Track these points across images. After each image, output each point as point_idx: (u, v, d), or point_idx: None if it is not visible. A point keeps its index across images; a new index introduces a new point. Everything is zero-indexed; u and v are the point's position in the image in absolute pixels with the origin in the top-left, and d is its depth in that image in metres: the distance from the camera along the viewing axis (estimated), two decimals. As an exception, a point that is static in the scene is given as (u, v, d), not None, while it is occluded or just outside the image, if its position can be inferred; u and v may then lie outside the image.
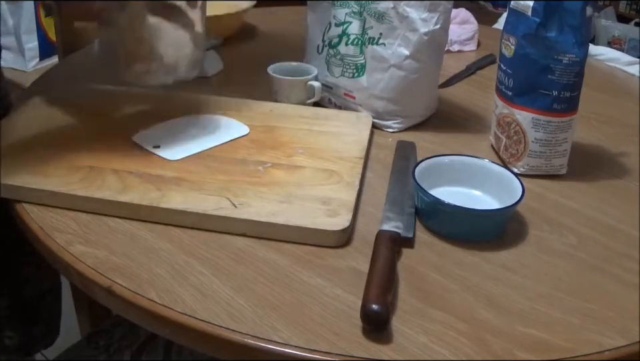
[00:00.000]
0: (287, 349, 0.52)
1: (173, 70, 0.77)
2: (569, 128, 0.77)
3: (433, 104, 0.94)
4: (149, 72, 0.76)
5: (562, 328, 0.55)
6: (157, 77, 0.76)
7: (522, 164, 0.79)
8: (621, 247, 0.67)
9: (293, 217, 0.65)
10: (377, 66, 0.87)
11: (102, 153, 0.75)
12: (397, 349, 0.52)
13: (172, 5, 0.75)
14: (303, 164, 0.76)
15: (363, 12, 0.87)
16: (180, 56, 0.76)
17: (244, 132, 0.82)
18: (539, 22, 0.72)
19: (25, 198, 0.69)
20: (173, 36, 0.75)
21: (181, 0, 0.75)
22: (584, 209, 0.73)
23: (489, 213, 0.67)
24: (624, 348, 0.54)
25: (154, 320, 0.56)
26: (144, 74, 0.76)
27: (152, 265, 0.60)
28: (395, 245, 0.62)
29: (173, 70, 0.77)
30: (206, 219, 0.65)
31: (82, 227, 0.65)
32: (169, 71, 0.76)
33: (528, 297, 0.59)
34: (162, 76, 0.77)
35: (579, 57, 0.73)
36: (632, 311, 0.58)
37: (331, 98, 0.95)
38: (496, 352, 0.52)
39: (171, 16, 0.75)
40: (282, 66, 0.95)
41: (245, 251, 0.63)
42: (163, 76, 0.77)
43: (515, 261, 0.64)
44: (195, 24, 0.77)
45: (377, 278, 0.56)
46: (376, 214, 0.69)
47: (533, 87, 0.75)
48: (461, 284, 0.60)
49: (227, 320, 0.54)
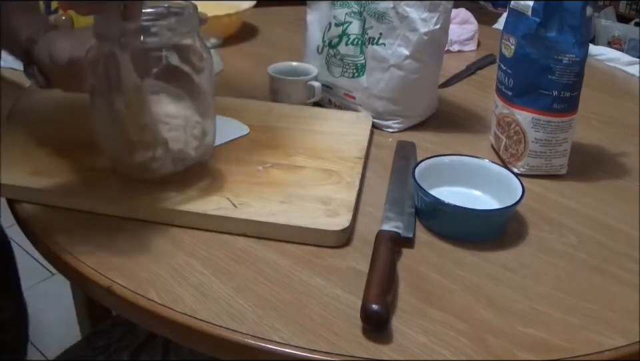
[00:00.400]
0: (286, 349, 0.52)
1: (181, 154, 0.66)
2: (569, 128, 0.77)
3: (432, 104, 0.94)
4: (154, 160, 0.65)
5: (562, 328, 0.55)
6: (165, 164, 0.66)
7: (522, 164, 0.79)
8: (621, 247, 0.67)
9: (293, 217, 0.65)
10: (377, 66, 0.87)
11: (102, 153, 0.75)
12: (397, 349, 0.52)
13: (178, 72, 0.63)
14: (302, 164, 0.76)
15: (362, 12, 0.87)
16: (188, 138, 0.65)
17: (244, 132, 0.82)
18: (538, 22, 0.72)
19: (25, 198, 0.69)
20: (176, 113, 0.64)
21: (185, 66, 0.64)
22: (584, 209, 0.73)
23: (489, 213, 0.67)
24: (624, 347, 0.54)
25: (154, 319, 0.56)
26: (149, 162, 0.65)
27: (152, 265, 0.60)
28: (395, 245, 0.62)
29: (181, 154, 0.66)
30: (206, 219, 0.65)
31: (82, 227, 0.65)
32: (176, 156, 0.66)
33: (528, 297, 0.59)
34: (170, 163, 0.66)
35: (579, 57, 0.73)
36: (632, 311, 0.58)
37: (330, 98, 0.95)
38: (496, 352, 0.52)
39: (174, 83, 0.64)
40: (282, 66, 0.95)
41: (245, 251, 0.63)
42: (171, 163, 0.66)
43: (515, 261, 0.64)
44: (202, 94, 0.66)
45: (376, 278, 0.56)
46: (376, 214, 0.69)
47: (533, 87, 0.75)
48: (460, 284, 0.60)
49: (227, 320, 0.54)
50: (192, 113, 0.66)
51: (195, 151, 0.67)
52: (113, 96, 0.62)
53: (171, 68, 0.63)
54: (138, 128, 0.64)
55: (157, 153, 0.64)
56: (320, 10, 0.94)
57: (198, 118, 0.67)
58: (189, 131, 0.66)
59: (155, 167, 0.66)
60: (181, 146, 0.66)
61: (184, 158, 0.67)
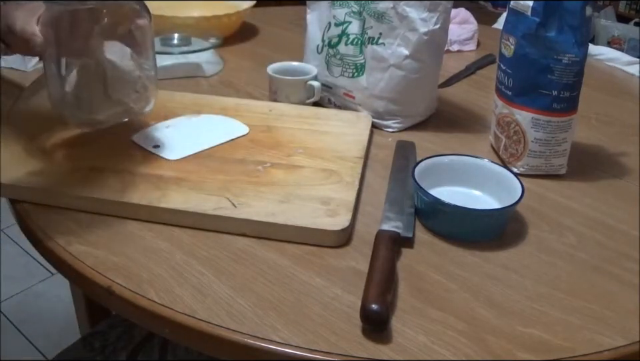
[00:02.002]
0: (286, 349, 0.52)
1: (125, 107, 0.74)
2: (569, 128, 0.77)
3: (432, 104, 0.94)
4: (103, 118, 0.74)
5: (562, 328, 0.55)
6: (111, 119, 0.75)
7: (522, 164, 0.79)
8: (621, 247, 0.67)
9: (293, 217, 0.65)
10: (377, 66, 0.87)
11: (102, 153, 0.75)
12: (397, 349, 0.52)
13: (119, 30, 0.70)
14: (302, 164, 0.76)
15: (362, 12, 0.87)
16: (130, 92, 0.74)
17: (244, 132, 0.82)
18: (538, 22, 0.72)
19: (25, 198, 0.69)
20: (121, 69, 0.72)
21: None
22: (584, 209, 0.73)
23: (489, 213, 0.67)
24: (623, 347, 0.54)
25: (154, 319, 0.56)
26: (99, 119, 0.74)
27: (152, 265, 0.60)
28: (394, 245, 0.62)
29: (125, 107, 0.74)
30: (206, 219, 0.65)
31: (82, 227, 0.65)
32: (121, 109, 0.74)
33: (528, 297, 0.59)
34: (116, 116, 0.74)
35: (579, 57, 0.73)
36: (632, 311, 0.58)
37: (330, 98, 0.95)
38: (496, 352, 0.52)
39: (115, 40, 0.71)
40: (282, 66, 0.95)
41: (245, 251, 0.63)
42: (116, 116, 0.74)
43: (515, 261, 0.64)
44: (144, 51, 0.74)
45: (376, 277, 0.56)
46: (376, 214, 0.69)
47: (532, 87, 0.75)
48: (460, 284, 0.60)
49: (227, 320, 0.54)
50: (134, 68, 0.73)
51: (136, 104, 0.75)
52: (64, 56, 0.71)
53: (113, 26, 0.70)
54: (99, 90, 0.72)
55: (111, 111, 0.73)
56: (320, 10, 0.94)
57: (139, 73, 0.74)
58: (131, 86, 0.74)
59: (101, 120, 0.74)
60: (125, 99, 0.74)
61: (127, 111, 0.75)
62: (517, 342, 0.53)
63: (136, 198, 0.67)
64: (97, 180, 0.69)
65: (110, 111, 0.74)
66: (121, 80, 0.73)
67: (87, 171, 0.71)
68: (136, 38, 0.72)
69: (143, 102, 0.77)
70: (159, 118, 0.84)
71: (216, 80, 1.05)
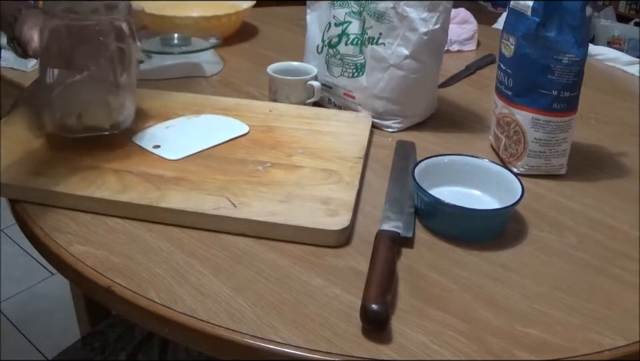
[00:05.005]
0: (286, 349, 0.52)
1: (99, 123, 0.76)
2: (569, 128, 0.77)
3: (432, 104, 0.94)
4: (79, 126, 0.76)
5: (561, 328, 0.55)
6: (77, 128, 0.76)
7: (522, 164, 0.79)
8: (621, 247, 0.67)
9: (293, 217, 0.65)
10: (377, 66, 0.87)
11: (102, 153, 0.75)
12: (397, 349, 0.52)
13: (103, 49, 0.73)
14: (302, 163, 0.76)
15: (362, 12, 0.87)
16: (104, 111, 0.76)
17: (244, 132, 0.82)
18: (538, 22, 0.72)
19: (25, 198, 0.69)
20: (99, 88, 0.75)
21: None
22: (584, 209, 0.73)
23: (489, 213, 0.67)
24: (623, 347, 0.54)
25: (154, 319, 0.56)
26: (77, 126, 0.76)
27: (152, 265, 0.60)
28: (394, 245, 0.62)
29: (99, 123, 0.76)
30: (205, 219, 0.65)
31: (82, 227, 0.65)
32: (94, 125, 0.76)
33: (527, 297, 0.59)
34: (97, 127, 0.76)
35: (579, 57, 0.73)
36: (632, 311, 0.58)
37: (330, 98, 0.95)
38: (495, 352, 0.52)
39: (100, 57, 0.73)
40: (282, 66, 0.95)
41: (245, 251, 0.63)
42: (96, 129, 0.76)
43: (515, 261, 0.64)
44: (126, 70, 0.75)
45: (376, 277, 0.56)
46: (375, 214, 0.69)
47: (532, 87, 0.75)
48: (460, 284, 0.60)
49: (227, 319, 0.54)
50: (113, 87, 0.76)
51: (110, 122, 0.76)
52: (50, 66, 0.74)
53: (100, 44, 0.73)
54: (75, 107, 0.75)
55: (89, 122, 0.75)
56: (320, 10, 0.94)
57: (118, 92, 0.76)
58: (106, 110, 0.76)
59: (78, 129, 0.76)
60: (99, 123, 0.76)
61: (100, 130, 0.77)
62: (517, 342, 0.53)
63: (136, 198, 0.67)
64: (96, 180, 0.69)
65: (83, 133, 0.77)
66: (97, 105, 0.76)
67: (87, 171, 0.71)
68: (120, 58, 0.75)
69: (118, 122, 0.77)
70: (159, 118, 0.84)
71: (216, 80, 1.05)
